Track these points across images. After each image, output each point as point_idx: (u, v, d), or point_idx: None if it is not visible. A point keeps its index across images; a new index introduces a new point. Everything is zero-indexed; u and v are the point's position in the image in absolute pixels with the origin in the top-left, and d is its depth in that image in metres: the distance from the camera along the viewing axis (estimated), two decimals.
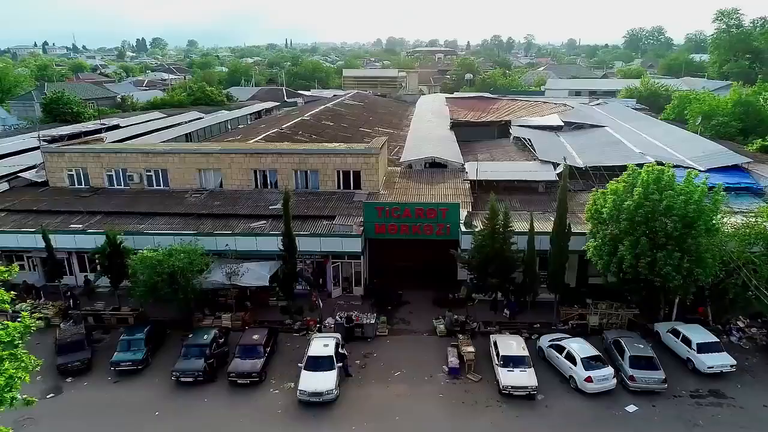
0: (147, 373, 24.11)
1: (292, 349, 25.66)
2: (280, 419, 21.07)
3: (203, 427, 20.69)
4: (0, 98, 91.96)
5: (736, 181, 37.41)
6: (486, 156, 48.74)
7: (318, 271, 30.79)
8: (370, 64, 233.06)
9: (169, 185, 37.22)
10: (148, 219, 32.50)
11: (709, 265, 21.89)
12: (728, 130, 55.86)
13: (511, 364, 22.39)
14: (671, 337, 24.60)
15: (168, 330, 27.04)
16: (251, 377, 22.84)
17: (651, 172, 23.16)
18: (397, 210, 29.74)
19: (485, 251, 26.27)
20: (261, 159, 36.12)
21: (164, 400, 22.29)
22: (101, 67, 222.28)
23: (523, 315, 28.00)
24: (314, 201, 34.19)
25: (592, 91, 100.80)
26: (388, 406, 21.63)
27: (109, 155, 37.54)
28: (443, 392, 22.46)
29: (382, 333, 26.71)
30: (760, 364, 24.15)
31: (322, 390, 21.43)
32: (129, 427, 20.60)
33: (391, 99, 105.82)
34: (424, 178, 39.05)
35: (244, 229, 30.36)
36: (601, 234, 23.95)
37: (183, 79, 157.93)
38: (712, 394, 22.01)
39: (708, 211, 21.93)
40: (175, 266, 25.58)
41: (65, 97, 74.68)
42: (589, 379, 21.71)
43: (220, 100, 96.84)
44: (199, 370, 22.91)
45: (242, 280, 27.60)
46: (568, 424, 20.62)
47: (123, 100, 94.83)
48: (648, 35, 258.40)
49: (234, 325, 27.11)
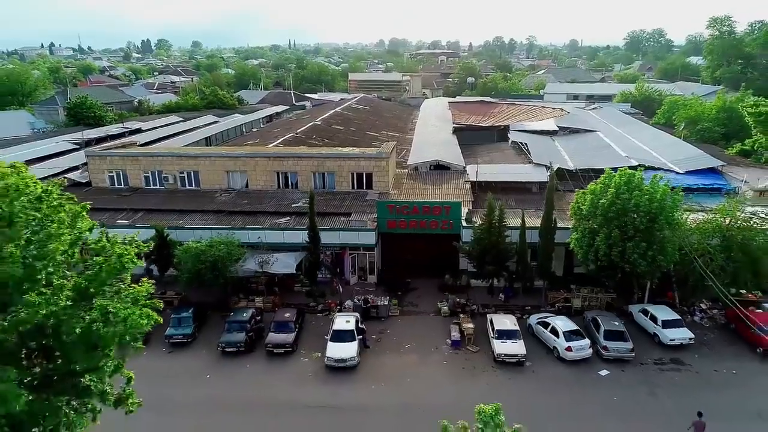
0: (194, 345, 28.35)
1: (317, 326, 29.88)
2: (311, 381, 25.30)
3: (248, 388, 24.89)
4: (21, 102, 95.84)
5: (710, 182, 41.53)
6: (486, 159, 52.84)
7: (336, 261, 34.98)
8: (374, 66, 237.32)
9: (200, 185, 41.42)
10: (184, 215, 36.65)
11: (670, 254, 26.03)
12: (712, 135, 59.93)
13: (504, 337, 26.60)
14: (641, 316, 28.82)
15: (208, 311, 31.23)
16: (285, 348, 27.10)
17: (623, 175, 27.35)
18: (406, 208, 33.98)
19: (483, 243, 30.49)
20: (283, 162, 40.35)
21: (213, 367, 26.53)
22: (109, 69, 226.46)
23: (516, 299, 32.25)
24: (331, 200, 38.34)
25: (589, 95, 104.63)
26: (401, 371, 25.85)
27: (147, 158, 41.82)
28: (447, 360, 26.69)
29: (393, 313, 30.99)
30: (716, 338, 28.32)
31: (346, 357, 25.67)
32: (187, 387, 24.79)
33: (396, 103, 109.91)
34: (430, 179, 43.23)
35: (271, 225, 34.56)
36: (581, 228, 28.16)
37: (191, 81, 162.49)
38: (673, 362, 26.19)
39: (668, 208, 26.07)
40: (216, 256, 29.83)
41: (88, 102, 79.07)
42: (569, 348, 25.89)
43: (232, 104, 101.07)
44: (241, 342, 27.16)
45: (272, 268, 31.84)
46: (552, 385, 24.77)
47: (140, 103, 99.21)
48: (648, 37, 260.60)
49: (266, 307, 31.36)
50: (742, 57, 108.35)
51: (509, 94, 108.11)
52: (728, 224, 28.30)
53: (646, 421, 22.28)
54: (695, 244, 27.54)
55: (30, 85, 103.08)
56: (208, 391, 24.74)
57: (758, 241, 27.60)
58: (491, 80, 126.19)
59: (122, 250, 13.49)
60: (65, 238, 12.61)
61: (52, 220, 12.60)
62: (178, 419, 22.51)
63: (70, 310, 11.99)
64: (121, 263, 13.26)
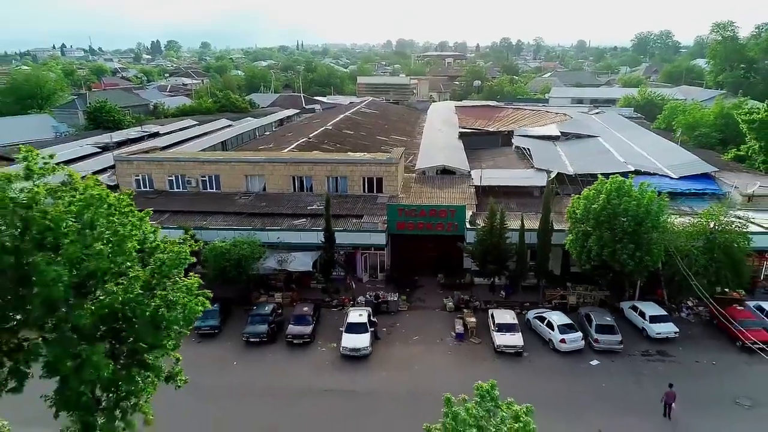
0: (221, 336, 31.04)
1: (332, 320, 32.48)
2: (328, 368, 27.93)
3: (271, 375, 27.53)
4: (39, 105, 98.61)
5: (702, 187, 43.78)
6: (490, 163, 55.32)
7: (349, 260, 37.57)
8: (381, 68, 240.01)
9: (220, 188, 44.10)
10: (207, 217, 39.37)
11: (656, 255, 28.43)
12: (709, 140, 62.08)
13: (504, 330, 29.09)
14: (631, 312, 31.24)
15: (232, 305, 33.89)
16: (304, 338, 29.74)
17: (614, 182, 29.77)
18: (414, 211, 36.54)
19: (485, 244, 33.00)
20: (299, 167, 43.00)
21: (238, 356, 29.21)
22: (120, 71, 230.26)
23: (516, 295, 34.74)
24: (344, 203, 40.90)
25: (593, 99, 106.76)
26: (409, 360, 28.42)
27: (171, 163, 44.60)
28: (451, 351, 29.23)
29: (402, 308, 33.57)
30: (700, 333, 30.70)
31: (359, 347, 28.28)
32: (217, 373, 27.44)
33: (404, 106, 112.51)
34: (436, 184, 45.77)
35: (289, 226, 37.21)
36: (576, 230, 30.61)
37: (201, 83, 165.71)
38: (658, 353, 28.60)
39: (654, 213, 28.46)
40: (240, 255, 32.51)
41: (108, 106, 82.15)
42: (563, 341, 28.36)
43: (244, 107, 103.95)
44: (263, 333, 29.82)
45: (290, 266, 34.50)
46: (547, 373, 27.25)
47: (155, 107, 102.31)
48: (656, 39, 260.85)
49: (284, 302, 33.99)
50: (744, 61, 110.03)
51: (515, 98, 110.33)
52: (712, 227, 30.62)
53: (631, 405, 24.71)
54: (681, 246, 29.87)
55: (48, 89, 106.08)
56: (235, 377, 27.42)
57: (739, 243, 29.95)
58: (497, 83, 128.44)
59: (180, 249, 16.14)
60: (136, 238, 15.26)
61: (124, 223, 15.25)
62: (209, 401, 25.14)
63: (141, 298, 14.60)
64: (179, 259, 15.92)
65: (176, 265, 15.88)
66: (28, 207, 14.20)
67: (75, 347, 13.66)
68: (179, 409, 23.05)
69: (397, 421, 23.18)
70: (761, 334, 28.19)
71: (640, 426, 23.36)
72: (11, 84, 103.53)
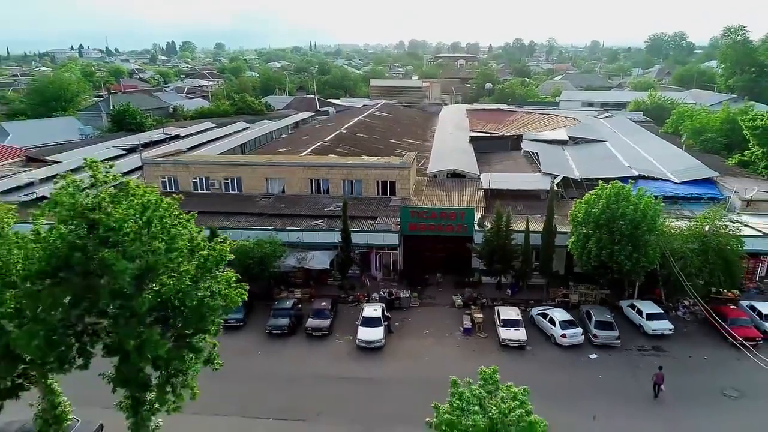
0: (245, 329, 33.41)
1: (348, 314, 34.72)
2: (345, 359, 30.23)
3: (292, 363, 29.86)
4: (63, 107, 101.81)
5: (704, 191, 45.50)
6: (500, 167, 57.28)
7: (364, 259, 39.81)
8: (394, 69, 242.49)
9: (242, 190, 46.58)
10: (231, 217, 41.83)
11: (651, 256, 30.36)
12: (715, 145, 63.47)
13: (509, 325, 31.19)
14: (630, 310, 33.19)
15: (254, 300, 36.19)
16: (322, 331, 32.06)
17: (613, 187, 31.73)
18: (425, 213, 38.71)
19: (492, 245, 35.10)
20: (317, 170, 45.38)
21: (261, 346, 31.60)
22: (137, 72, 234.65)
23: (521, 294, 36.77)
24: (359, 204, 43.12)
25: (603, 103, 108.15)
26: (419, 351, 30.62)
27: (195, 165, 47.19)
28: (459, 344, 31.38)
29: (414, 305, 35.77)
30: (695, 330, 32.57)
31: (374, 339, 30.54)
32: (243, 362, 29.73)
33: (416, 109, 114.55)
34: (447, 187, 47.90)
35: (307, 227, 39.55)
36: (577, 232, 32.59)
37: (217, 85, 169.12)
38: (654, 348, 30.52)
39: (650, 216, 30.35)
40: (262, 253, 34.87)
41: (131, 109, 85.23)
42: (564, 335, 30.40)
43: (260, 110, 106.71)
44: (285, 326, 32.18)
45: (309, 264, 36.83)
46: (549, 366, 29.30)
47: (174, 109, 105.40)
48: (670, 40, 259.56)
49: (303, 298, 36.32)
50: (755, 65, 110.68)
51: (525, 101, 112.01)
52: (707, 231, 32.45)
53: (626, 395, 26.73)
54: (677, 248, 31.73)
55: (72, 91, 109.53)
56: (259, 365, 29.81)
57: (732, 246, 31.76)
58: (509, 86, 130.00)
59: (221, 247, 18.52)
60: (185, 237, 17.62)
61: (175, 224, 17.61)
62: (237, 387, 27.43)
63: (189, 289, 16.91)
64: (220, 256, 18.27)
65: (218, 261, 18.24)
66: (94, 210, 16.59)
67: (136, 330, 16.02)
68: (210, 391, 25.34)
69: (408, 404, 25.31)
70: (751, 332, 30.08)
71: (631, 413, 25.38)
72: (36, 87, 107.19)
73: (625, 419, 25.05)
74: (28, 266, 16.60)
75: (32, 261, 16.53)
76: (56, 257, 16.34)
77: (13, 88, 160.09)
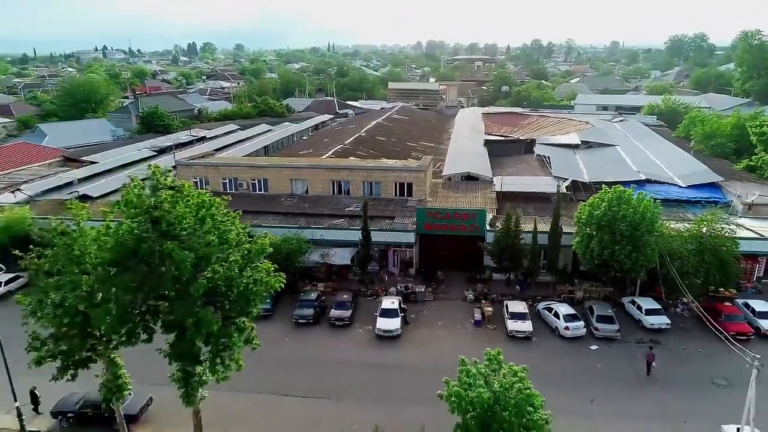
0: (273, 318, 36.39)
1: (367, 307, 37.55)
2: (365, 346, 33.08)
3: (317, 350, 32.77)
4: (93, 109, 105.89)
5: (708, 195, 47.47)
6: (512, 170, 59.66)
7: (382, 256, 42.61)
8: (411, 71, 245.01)
9: (268, 191, 49.69)
10: (258, 216, 44.82)
11: (649, 255, 32.68)
12: (724, 150, 65.05)
13: (516, 318, 33.75)
14: (630, 306, 35.56)
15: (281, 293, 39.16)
16: (344, 321, 34.94)
17: (615, 191, 34.10)
18: (440, 213, 41.38)
19: (502, 244, 37.64)
20: (338, 173, 48.31)
21: (288, 334, 34.59)
22: (160, 73, 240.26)
23: (529, 290, 39.24)
24: (378, 205, 45.90)
25: (618, 106, 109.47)
26: (433, 341, 33.32)
27: (225, 167, 50.43)
28: (470, 335, 34.03)
29: (428, 299, 38.49)
30: (692, 326, 34.77)
31: (391, 329, 33.34)
32: (272, 348, 32.51)
33: (433, 112, 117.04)
34: (461, 189, 50.50)
35: (330, 225, 42.47)
36: (581, 233, 35.00)
37: (238, 86, 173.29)
38: (651, 341, 32.82)
39: (648, 219, 32.65)
40: (289, 249, 37.84)
41: (159, 112, 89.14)
42: (567, 328, 32.89)
43: (282, 112, 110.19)
44: (310, 316, 35.14)
45: (332, 260, 39.75)
46: (552, 355, 31.82)
47: (199, 111, 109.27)
48: (690, 42, 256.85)
49: (326, 291, 39.23)
50: None
51: (541, 104, 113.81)
52: (704, 232, 34.64)
53: (622, 382, 29.22)
54: (675, 249, 33.97)
55: (101, 94, 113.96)
56: (286, 350, 32.77)
57: (728, 247, 33.92)
58: (525, 89, 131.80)
59: (263, 241, 21.49)
60: (234, 231, 20.65)
61: (224, 221, 20.62)
62: (268, 369, 30.37)
63: (236, 276, 19.86)
64: (262, 248, 21.22)
65: (260, 253, 21.18)
66: (157, 208, 19.61)
67: (193, 310, 19.00)
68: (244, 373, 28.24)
69: (421, 387, 27.87)
70: (743, 327, 32.31)
71: (626, 397, 27.91)
72: (67, 89, 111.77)
73: (620, 402, 27.56)
74: (101, 255, 19.70)
75: (104, 251, 19.62)
76: (125, 248, 19.40)
77: (42, 89, 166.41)
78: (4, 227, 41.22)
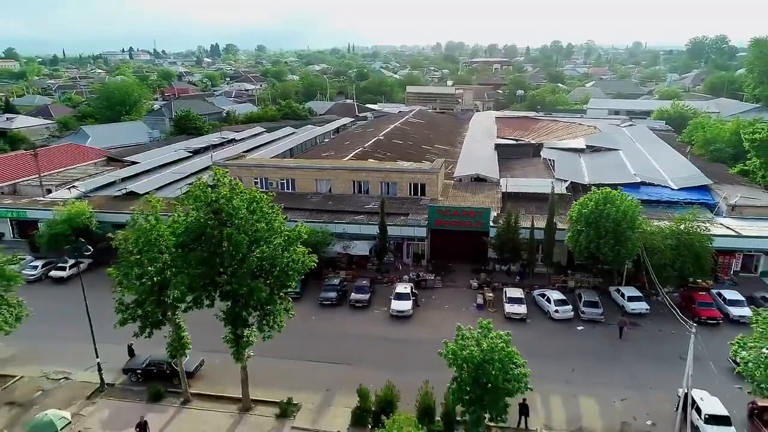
0: (301, 300, 41.68)
1: (383, 292, 42.72)
2: (381, 325, 38.30)
3: (340, 326, 38.06)
4: (127, 111, 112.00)
5: (697, 197, 51.64)
6: (520, 172, 64.36)
7: (397, 248, 47.78)
8: (430, 72, 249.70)
9: (295, 190, 55.18)
10: (287, 212, 49.92)
11: (630, 249, 37.27)
12: (722, 155, 68.75)
13: (513, 302, 38.67)
14: (615, 293, 40.28)
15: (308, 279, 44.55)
16: (363, 303, 40.23)
17: (602, 192, 38.74)
18: (449, 211, 46.42)
19: (503, 238, 42.55)
20: (359, 174, 53.63)
21: (315, 313, 39.99)
22: (185, 75, 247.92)
23: (528, 280, 44.05)
24: (393, 203, 51.00)
25: (629, 111, 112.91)
26: (441, 321, 38.29)
27: (257, 168, 56.05)
28: (472, 316, 38.63)
29: (437, 286, 43.57)
30: (669, 311, 38.84)
31: (404, 310, 38.53)
32: (301, 323, 37.81)
33: (449, 115, 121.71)
34: (470, 189, 55.43)
35: (350, 221, 47.73)
36: (573, 229, 39.73)
37: (261, 88, 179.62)
38: (631, 323, 37.41)
39: (630, 216, 37.21)
40: (316, 241, 43.08)
41: (191, 114, 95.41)
42: (557, 311, 37.69)
43: (304, 115, 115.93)
44: (333, 298, 40.50)
45: (352, 251, 45.06)
46: (544, 334, 36.65)
47: (227, 114, 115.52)
48: (711, 44, 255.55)
49: (347, 277, 44.52)
50: None
51: (554, 108, 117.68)
52: (682, 229, 39.10)
53: (600, 356, 33.93)
54: (655, 243, 38.46)
55: (135, 97, 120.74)
56: (313, 326, 38.13)
57: (701, 243, 38.34)
58: (539, 94, 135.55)
59: (300, 228, 26.87)
60: (278, 220, 26.08)
61: (269, 212, 26.05)
62: (298, 340, 35.69)
63: (279, 256, 25.23)
64: (299, 234, 26.58)
65: (296, 239, 26.54)
66: (217, 201, 25.04)
67: (246, 281, 24.41)
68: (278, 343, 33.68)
69: (428, 358, 32.77)
70: (713, 312, 36.87)
71: (602, 368, 32.71)
72: (103, 92, 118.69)
73: (597, 373, 32.34)
74: (175, 239, 25.22)
75: (177, 235, 25.14)
76: (193, 232, 24.90)
77: (75, 90, 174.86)
78: (66, 219, 47.26)
